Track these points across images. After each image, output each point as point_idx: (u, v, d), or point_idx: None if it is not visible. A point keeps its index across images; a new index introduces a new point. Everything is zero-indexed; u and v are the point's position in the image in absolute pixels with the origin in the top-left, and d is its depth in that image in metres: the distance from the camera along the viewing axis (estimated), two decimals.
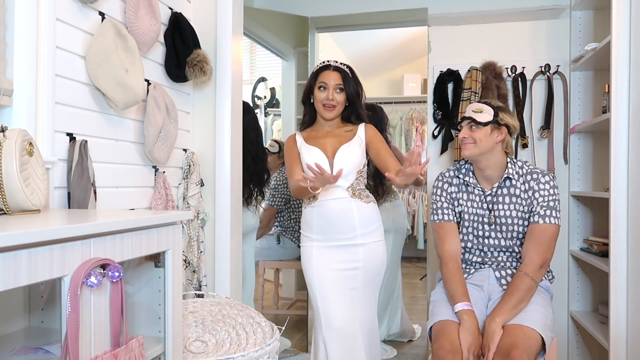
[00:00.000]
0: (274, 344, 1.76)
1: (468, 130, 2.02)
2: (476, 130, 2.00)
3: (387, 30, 4.31)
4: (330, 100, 2.12)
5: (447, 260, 2.01)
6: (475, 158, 2.02)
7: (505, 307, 1.82)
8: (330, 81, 2.13)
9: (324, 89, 2.13)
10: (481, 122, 2.00)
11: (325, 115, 2.15)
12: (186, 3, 2.33)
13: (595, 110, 2.84)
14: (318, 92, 2.14)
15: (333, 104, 2.13)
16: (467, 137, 2.01)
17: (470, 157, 2.02)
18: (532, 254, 1.91)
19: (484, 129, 2.00)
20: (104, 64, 1.68)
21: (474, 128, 2.01)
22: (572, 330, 2.91)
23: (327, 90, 2.12)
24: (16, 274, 0.86)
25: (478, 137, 1.99)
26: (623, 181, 2.16)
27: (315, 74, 2.18)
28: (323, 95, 2.13)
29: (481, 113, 2.01)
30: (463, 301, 1.87)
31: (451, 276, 1.96)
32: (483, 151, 2.00)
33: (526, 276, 1.87)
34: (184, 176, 2.27)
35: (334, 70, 2.15)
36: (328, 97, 2.12)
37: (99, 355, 1.05)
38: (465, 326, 1.81)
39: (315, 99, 2.16)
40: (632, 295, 2.13)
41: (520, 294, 1.84)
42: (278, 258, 3.65)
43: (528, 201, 2.00)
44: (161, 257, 1.36)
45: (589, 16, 2.85)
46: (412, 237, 5.55)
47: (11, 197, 1.19)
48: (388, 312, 3.33)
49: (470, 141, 2.00)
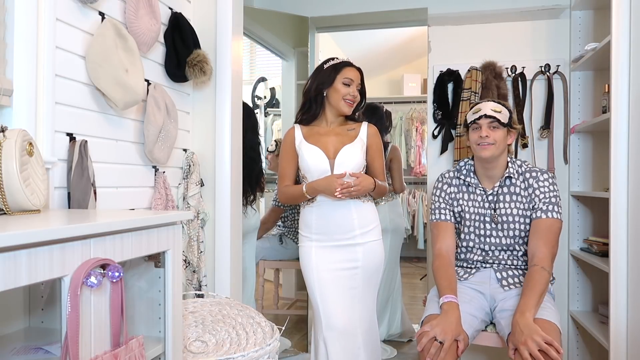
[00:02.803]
0: (274, 344, 1.76)
1: (489, 130, 1.98)
2: (497, 131, 1.98)
3: (387, 30, 4.32)
4: (355, 96, 2.15)
5: (437, 256, 2.03)
6: (492, 160, 2.01)
7: (531, 302, 1.78)
8: (355, 78, 2.16)
9: (349, 85, 2.14)
10: (504, 122, 1.98)
11: (344, 110, 2.16)
12: (186, 3, 2.33)
13: (595, 110, 2.84)
14: (342, 87, 2.14)
15: (355, 100, 2.16)
16: (488, 137, 1.97)
17: (490, 158, 2.00)
18: (543, 248, 1.91)
19: (503, 129, 1.99)
20: (104, 64, 1.68)
21: (495, 128, 1.98)
22: (572, 330, 2.91)
23: (352, 86, 2.15)
24: (16, 274, 0.86)
25: (498, 137, 1.98)
26: (623, 181, 2.16)
27: (338, 69, 2.16)
28: (347, 90, 2.14)
29: (501, 113, 2.00)
30: (447, 294, 1.87)
31: (437, 270, 1.98)
32: (500, 153, 2.00)
33: (543, 269, 1.87)
34: (184, 176, 2.27)
35: (356, 68, 2.19)
36: (352, 93, 2.14)
37: (99, 355, 1.05)
38: (443, 316, 1.80)
39: (335, 93, 2.15)
40: (632, 295, 2.13)
41: (542, 287, 1.83)
42: (280, 258, 3.65)
43: (528, 199, 2.00)
44: (161, 257, 1.36)
45: (589, 16, 2.85)
46: (412, 237, 5.56)
47: (11, 197, 1.19)
48: (388, 312, 3.34)
49: (491, 141, 1.97)
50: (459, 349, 1.77)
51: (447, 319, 1.79)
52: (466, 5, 2.97)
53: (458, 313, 1.82)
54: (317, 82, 2.17)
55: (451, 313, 1.81)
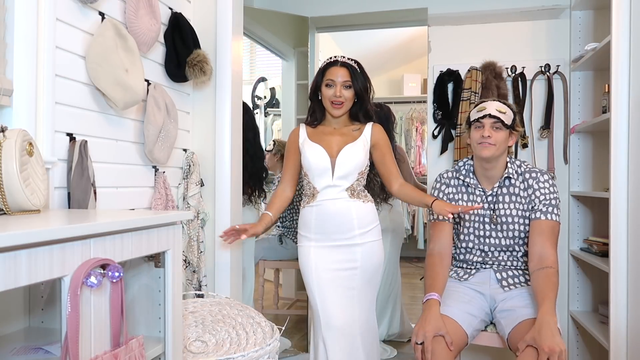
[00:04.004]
0: (274, 344, 1.76)
1: (492, 130, 1.97)
2: (499, 132, 1.97)
3: (387, 30, 4.31)
4: (338, 97, 2.08)
5: (428, 255, 2.05)
6: (492, 160, 2.01)
7: (551, 303, 1.78)
8: (337, 78, 2.08)
9: (331, 86, 2.09)
10: (507, 123, 1.97)
11: (333, 112, 2.12)
12: (186, 3, 2.33)
13: (595, 110, 2.84)
14: (325, 90, 2.10)
15: (341, 100, 2.09)
16: (490, 137, 1.96)
17: (490, 158, 1.99)
18: (551, 249, 1.91)
19: (505, 131, 1.98)
20: (104, 64, 1.68)
21: (498, 129, 1.97)
22: (572, 330, 2.91)
23: (334, 87, 2.08)
24: (16, 274, 0.86)
25: (500, 139, 1.97)
26: (623, 181, 2.16)
27: (322, 71, 2.13)
28: (330, 92, 2.09)
29: (505, 114, 1.98)
30: (430, 292, 1.90)
31: (426, 270, 2.01)
32: (500, 153, 1.99)
33: (552, 269, 1.87)
34: (184, 176, 2.27)
35: (341, 66, 2.10)
36: (335, 94, 2.08)
37: (99, 355, 1.05)
38: (422, 316, 1.83)
39: (322, 96, 2.12)
40: (632, 295, 2.13)
41: (556, 287, 1.84)
42: (279, 258, 3.65)
43: (528, 199, 2.00)
44: (161, 257, 1.36)
45: (589, 16, 2.85)
46: (412, 237, 5.55)
47: (11, 197, 1.19)
48: (388, 312, 3.33)
49: (492, 142, 1.96)
50: (449, 342, 1.76)
51: (424, 318, 1.82)
52: (466, 5, 2.97)
53: (435, 309, 1.84)
54: (313, 85, 2.17)
55: (428, 311, 1.84)
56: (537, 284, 1.86)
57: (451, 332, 1.80)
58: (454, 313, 1.89)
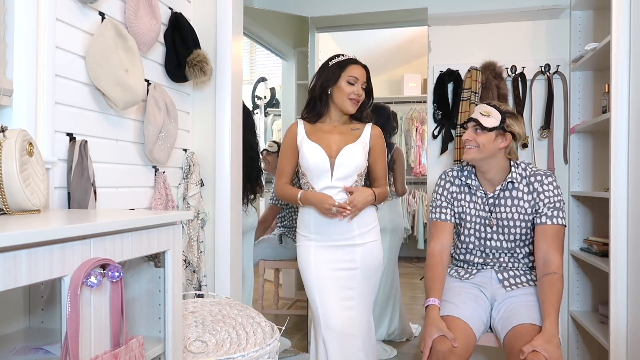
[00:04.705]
0: (274, 344, 1.76)
1: (472, 133, 1.98)
2: (480, 134, 1.97)
3: (387, 30, 4.31)
4: (359, 95, 2.11)
5: (429, 255, 2.05)
6: (475, 162, 2.01)
7: (556, 313, 1.80)
8: (360, 76, 2.11)
9: (353, 83, 2.10)
10: (486, 126, 1.96)
11: (349, 109, 2.12)
12: (186, 3, 2.33)
13: (595, 110, 2.84)
14: (346, 86, 2.09)
15: (360, 99, 2.12)
16: (470, 140, 1.98)
17: (471, 161, 2.01)
18: (557, 254, 1.92)
19: (488, 134, 1.97)
20: (104, 64, 1.68)
21: (479, 131, 1.97)
22: (572, 330, 2.91)
23: (356, 85, 2.10)
24: (16, 274, 0.86)
25: (481, 141, 1.96)
26: (623, 181, 2.16)
27: (342, 66, 2.12)
28: (352, 89, 2.09)
29: (488, 117, 1.97)
30: (432, 297, 1.92)
31: (426, 271, 2.02)
32: (484, 156, 1.98)
33: (556, 275, 1.87)
34: (184, 176, 2.27)
35: (362, 66, 2.14)
36: (356, 92, 2.10)
37: (99, 355, 1.05)
38: (425, 324, 1.87)
39: (339, 92, 2.11)
40: (632, 295, 2.13)
41: (560, 294, 1.85)
42: (279, 258, 3.65)
43: (532, 202, 1.98)
44: (161, 257, 1.36)
45: (589, 16, 2.85)
46: (412, 237, 5.55)
47: (11, 197, 1.19)
48: (387, 312, 3.33)
49: (474, 145, 1.97)
50: (452, 340, 1.77)
51: (426, 325, 1.86)
52: (466, 5, 2.97)
53: (435, 313, 1.86)
54: (322, 79, 2.14)
55: (427, 318, 1.87)
56: (541, 292, 1.87)
57: (460, 335, 1.81)
58: (461, 313, 1.89)
